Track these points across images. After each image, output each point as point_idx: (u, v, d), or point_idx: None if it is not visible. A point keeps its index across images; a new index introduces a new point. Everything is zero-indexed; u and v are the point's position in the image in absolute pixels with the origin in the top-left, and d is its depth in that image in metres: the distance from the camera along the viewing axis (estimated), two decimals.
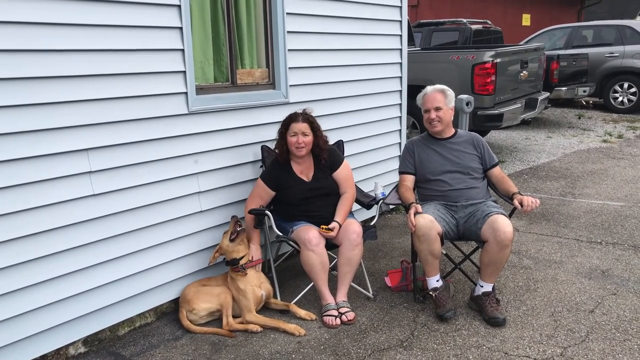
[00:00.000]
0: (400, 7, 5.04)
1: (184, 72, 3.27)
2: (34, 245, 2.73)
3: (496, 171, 3.55)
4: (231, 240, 3.34)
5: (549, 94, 8.91)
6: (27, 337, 2.76)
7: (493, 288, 3.32)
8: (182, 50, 3.24)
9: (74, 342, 3.02)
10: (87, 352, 3.07)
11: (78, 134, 2.83)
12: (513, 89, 7.46)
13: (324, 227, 3.33)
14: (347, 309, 3.34)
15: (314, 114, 3.51)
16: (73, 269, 2.89)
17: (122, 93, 2.98)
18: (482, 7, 16.19)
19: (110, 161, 2.97)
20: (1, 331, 2.66)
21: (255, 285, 3.34)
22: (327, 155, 3.52)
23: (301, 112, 3.48)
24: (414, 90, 4.43)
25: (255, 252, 3.44)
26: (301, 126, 3.37)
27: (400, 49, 5.13)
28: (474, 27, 10.66)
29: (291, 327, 3.18)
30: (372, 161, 4.91)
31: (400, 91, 5.21)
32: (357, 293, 3.62)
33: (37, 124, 2.66)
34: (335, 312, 3.30)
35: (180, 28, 3.21)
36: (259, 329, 3.20)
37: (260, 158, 3.75)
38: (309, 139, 3.39)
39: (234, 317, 3.29)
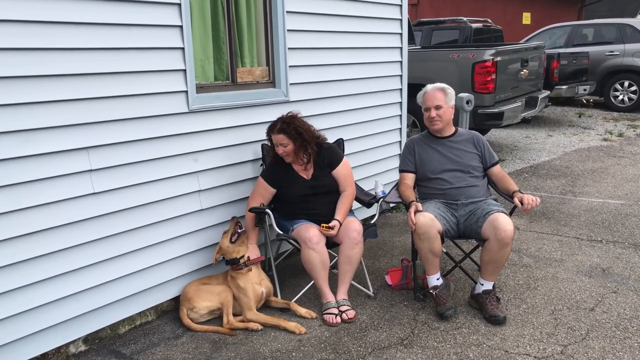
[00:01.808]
0: (401, 6, 5.04)
1: (184, 70, 3.27)
2: (34, 244, 2.72)
3: (496, 170, 3.55)
4: (232, 242, 3.34)
5: (549, 92, 8.90)
6: (27, 336, 2.76)
7: (493, 286, 3.32)
8: (183, 48, 3.24)
9: (75, 341, 3.02)
10: (88, 351, 3.07)
11: (78, 132, 2.82)
12: (513, 88, 7.46)
13: (324, 225, 3.33)
14: (348, 307, 3.34)
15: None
16: (73, 267, 2.89)
17: (122, 91, 2.98)
18: (482, 5, 16.18)
19: (110, 160, 2.97)
20: (1, 330, 2.66)
21: (256, 282, 3.34)
22: (326, 154, 3.52)
23: (283, 117, 3.42)
24: (414, 88, 4.42)
25: (253, 252, 3.45)
26: (277, 138, 3.37)
27: (401, 48, 5.13)
28: (474, 25, 10.65)
29: (291, 325, 3.19)
30: (373, 159, 4.90)
31: (401, 89, 5.21)
32: (358, 291, 3.62)
33: (35, 123, 2.65)
34: (335, 310, 3.30)
35: (181, 26, 3.21)
36: (260, 327, 3.20)
37: (261, 156, 3.76)
38: (290, 147, 3.38)
39: (235, 315, 3.29)
